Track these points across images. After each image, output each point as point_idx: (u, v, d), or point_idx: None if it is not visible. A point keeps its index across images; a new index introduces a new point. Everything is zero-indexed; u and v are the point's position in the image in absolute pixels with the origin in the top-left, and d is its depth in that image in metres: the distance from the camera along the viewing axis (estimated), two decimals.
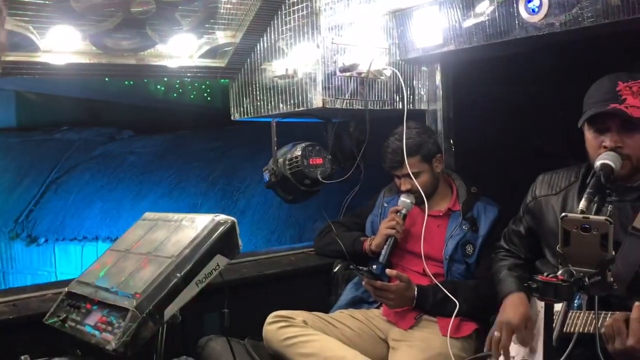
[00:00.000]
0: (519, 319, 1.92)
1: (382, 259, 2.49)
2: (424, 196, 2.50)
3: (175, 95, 11.37)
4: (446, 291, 2.32)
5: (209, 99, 11.21)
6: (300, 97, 2.68)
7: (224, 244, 1.71)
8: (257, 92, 2.90)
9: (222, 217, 1.75)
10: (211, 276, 1.68)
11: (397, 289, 2.33)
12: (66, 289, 1.87)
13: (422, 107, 2.98)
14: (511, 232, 2.21)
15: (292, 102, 2.73)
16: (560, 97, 3.27)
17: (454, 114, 3.01)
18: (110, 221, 8.39)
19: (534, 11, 2.25)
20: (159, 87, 11.33)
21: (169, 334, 1.71)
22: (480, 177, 2.72)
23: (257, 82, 2.89)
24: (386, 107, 2.82)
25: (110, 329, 1.59)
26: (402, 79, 2.81)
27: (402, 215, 2.53)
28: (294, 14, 2.66)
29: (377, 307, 2.54)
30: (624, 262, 1.71)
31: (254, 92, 2.91)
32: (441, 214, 2.55)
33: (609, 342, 1.63)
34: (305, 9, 2.60)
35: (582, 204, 1.52)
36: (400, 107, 2.83)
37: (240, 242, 1.75)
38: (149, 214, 2.05)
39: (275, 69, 2.75)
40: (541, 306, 1.72)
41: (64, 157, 9.77)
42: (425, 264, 2.44)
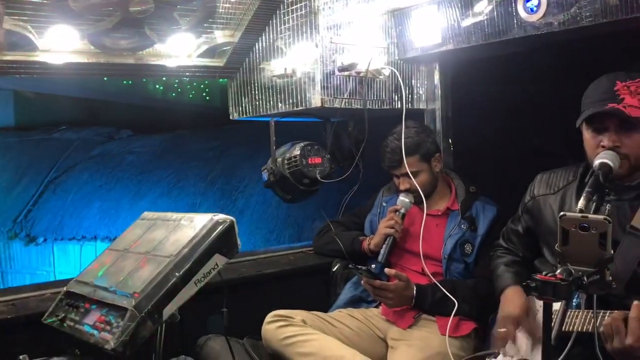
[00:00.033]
0: (519, 310, 1.94)
1: (381, 258, 2.49)
2: (423, 195, 2.50)
3: (173, 94, 11.36)
4: (445, 290, 2.32)
5: (207, 98, 11.20)
6: (298, 96, 2.68)
7: (222, 244, 1.71)
8: (256, 92, 2.89)
9: (220, 216, 1.75)
10: (210, 275, 1.68)
11: (396, 288, 2.33)
12: (65, 289, 1.87)
13: (421, 107, 2.99)
14: (510, 231, 2.22)
15: (290, 101, 2.73)
16: (558, 97, 3.26)
17: (452, 113, 3.01)
18: (108, 221, 8.38)
19: (532, 10, 2.25)
20: (157, 86, 11.32)
21: (168, 333, 1.71)
22: (478, 177, 2.72)
23: (256, 81, 2.89)
24: (385, 107, 2.82)
25: (109, 328, 1.58)
26: (400, 79, 2.81)
27: (401, 214, 2.53)
28: (293, 13, 2.65)
29: (376, 307, 2.54)
30: (623, 261, 1.71)
31: (253, 92, 2.91)
32: (440, 213, 2.55)
33: (607, 341, 1.63)
34: (303, 8, 2.60)
35: (581, 203, 1.52)
36: (398, 106, 2.83)
37: (239, 241, 1.75)
38: (147, 214, 2.04)
39: (273, 69, 2.75)
40: (540, 305, 1.72)
41: (63, 156, 9.76)
42: (424, 263, 2.44)
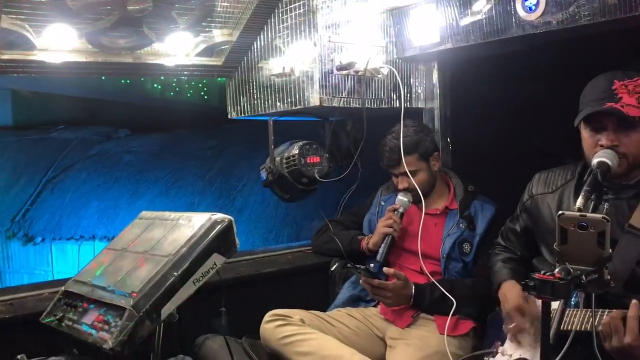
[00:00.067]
0: (518, 299, 1.95)
1: (380, 258, 2.49)
2: (421, 194, 2.50)
3: (172, 94, 11.35)
4: (443, 289, 2.32)
5: (206, 97, 11.19)
6: (297, 95, 2.68)
7: (221, 243, 1.71)
8: (254, 91, 2.89)
9: (219, 215, 1.75)
10: (208, 275, 1.68)
11: (395, 288, 2.33)
12: (63, 288, 1.87)
13: (420, 106, 2.98)
14: (508, 230, 2.22)
15: (289, 100, 2.72)
16: (557, 95, 3.26)
17: (451, 112, 3.01)
18: (107, 220, 8.37)
19: (531, 9, 2.25)
20: (155, 85, 11.31)
21: (166, 332, 1.71)
22: (477, 176, 2.72)
23: (254, 80, 2.88)
24: (383, 106, 2.81)
25: (107, 327, 1.58)
26: (399, 77, 2.81)
27: (400, 213, 2.53)
28: (291, 12, 2.65)
29: (375, 306, 2.54)
30: (621, 259, 1.71)
31: (251, 91, 2.91)
32: (438, 213, 2.55)
33: (606, 339, 1.63)
34: (302, 7, 2.60)
35: (579, 202, 1.52)
36: (397, 105, 2.83)
37: (237, 240, 1.75)
38: (145, 213, 2.04)
39: (272, 67, 2.75)
40: (539, 304, 1.72)
41: (61, 156, 9.74)
42: (422, 263, 2.44)
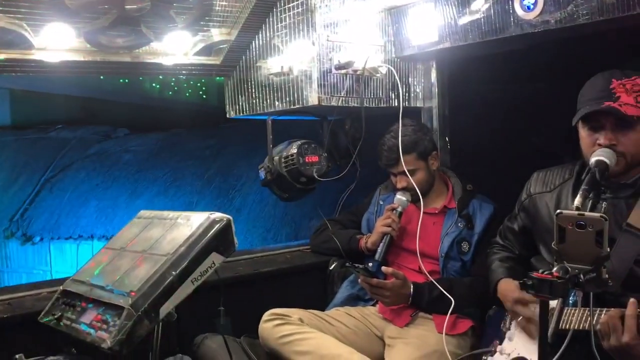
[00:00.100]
0: (515, 292, 1.96)
1: (378, 257, 2.49)
2: (420, 194, 2.50)
3: (170, 93, 11.34)
4: (442, 288, 2.32)
5: (204, 97, 11.19)
6: (295, 94, 2.68)
7: (219, 242, 1.71)
8: (253, 90, 2.89)
9: (217, 215, 1.75)
10: (207, 274, 1.68)
11: (393, 287, 2.33)
12: (61, 288, 1.87)
13: (418, 105, 2.98)
14: (506, 229, 2.22)
15: (287, 99, 2.72)
16: (555, 94, 3.27)
17: (449, 111, 3.01)
18: (105, 220, 8.37)
19: (529, 8, 2.25)
20: (154, 85, 11.30)
21: (165, 332, 1.71)
22: (475, 175, 2.72)
23: (253, 79, 2.88)
24: (382, 105, 2.81)
25: (105, 327, 1.58)
26: (397, 77, 2.81)
27: (398, 212, 2.53)
28: (289, 11, 2.65)
29: (373, 305, 2.54)
30: (619, 258, 1.71)
31: (250, 90, 2.91)
32: (437, 212, 2.55)
33: (604, 338, 1.63)
34: (300, 6, 2.60)
35: (577, 201, 1.52)
36: (395, 104, 2.83)
37: (235, 239, 1.75)
38: (144, 212, 2.04)
39: (270, 67, 2.75)
40: (537, 303, 1.73)
41: (59, 155, 9.74)
42: (421, 262, 2.44)
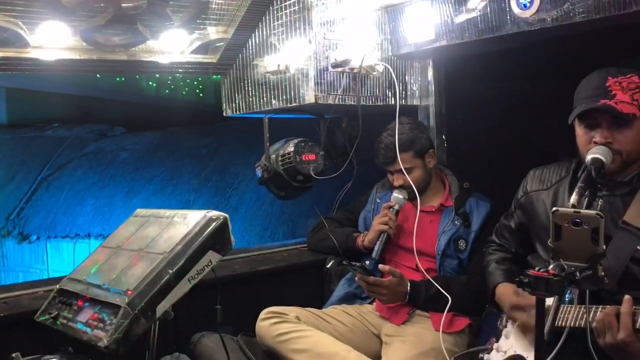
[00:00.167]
0: (511, 298, 1.97)
1: (375, 255, 2.49)
2: (417, 192, 2.50)
3: (167, 91, 11.33)
4: (438, 286, 2.32)
5: (201, 95, 11.18)
6: (292, 92, 2.68)
7: (216, 240, 1.71)
8: (249, 88, 2.89)
9: (214, 213, 1.75)
10: (203, 272, 1.68)
11: (390, 285, 2.33)
12: (57, 286, 1.87)
13: (415, 103, 2.98)
14: (503, 227, 2.22)
15: (284, 97, 2.72)
16: (552, 92, 3.27)
17: (446, 109, 3.01)
18: (102, 218, 8.36)
19: (525, 6, 2.25)
20: (150, 83, 11.28)
21: (162, 330, 1.71)
22: (472, 173, 2.73)
23: (249, 77, 2.88)
24: (378, 103, 2.81)
25: (102, 325, 1.58)
26: (394, 75, 2.81)
27: (395, 211, 2.53)
28: (286, 9, 2.64)
29: (370, 303, 2.54)
30: (615, 256, 1.72)
31: (246, 88, 2.90)
32: (434, 210, 2.55)
33: (600, 336, 1.64)
34: (297, 4, 2.59)
35: (573, 198, 1.52)
36: (392, 102, 2.82)
37: (232, 238, 1.75)
38: (140, 211, 2.04)
39: (267, 65, 2.74)
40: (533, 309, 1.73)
41: (56, 154, 9.72)
42: (417, 260, 2.44)
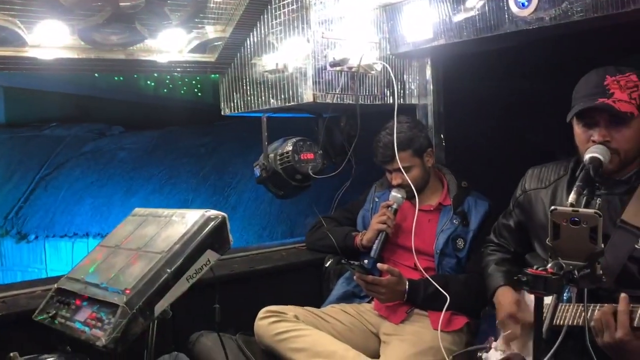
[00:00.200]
0: (513, 307, 1.95)
1: (374, 254, 2.49)
2: (415, 190, 2.50)
3: (165, 90, 11.31)
4: (437, 285, 2.33)
5: (199, 94, 11.16)
6: (290, 91, 2.67)
7: (214, 239, 1.71)
8: (248, 87, 2.88)
9: (212, 212, 1.75)
10: (202, 272, 1.68)
11: (389, 283, 2.33)
12: (55, 286, 1.87)
13: (413, 102, 2.98)
14: (501, 226, 2.22)
15: (282, 96, 2.72)
16: (550, 91, 3.28)
17: (444, 108, 3.01)
18: (100, 217, 8.34)
19: (523, 5, 2.25)
20: (149, 82, 11.26)
21: (160, 329, 1.71)
22: (470, 172, 2.73)
23: (248, 76, 2.88)
24: (377, 102, 2.81)
25: (100, 325, 1.58)
26: (392, 74, 2.80)
27: (393, 209, 2.53)
28: (284, 8, 2.64)
29: (369, 302, 2.54)
30: (613, 254, 1.72)
31: (244, 87, 2.90)
32: (432, 209, 2.55)
33: (598, 335, 1.64)
34: (295, 3, 2.59)
35: (572, 197, 1.52)
36: (391, 101, 2.82)
37: (230, 237, 1.75)
38: (139, 210, 2.04)
39: (265, 64, 2.74)
40: (531, 299, 1.73)
41: (54, 153, 9.70)
42: (416, 259, 2.44)
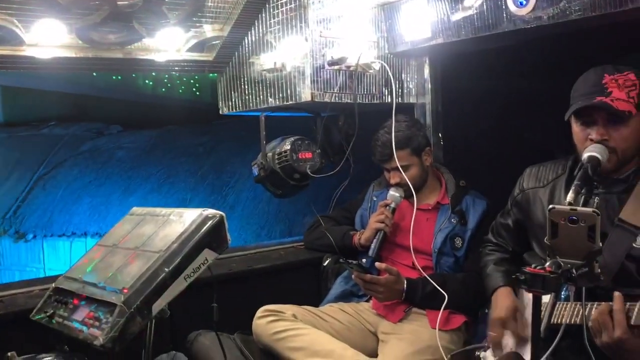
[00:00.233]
0: (506, 313, 1.94)
1: (372, 253, 2.49)
2: (413, 189, 2.50)
3: (163, 90, 11.30)
4: (435, 284, 2.33)
5: (197, 93, 11.16)
6: (288, 90, 2.67)
7: (212, 238, 1.70)
8: (246, 86, 2.88)
9: (210, 211, 1.75)
10: (200, 270, 1.68)
11: (387, 282, 2.33)
12: (53, 285, 1.86)
13: (411, 101, 2.98)
14: (499, 225, 2.22)
15: (280, 95, 2.72)
16: (548, 90, 3.28)
17: (442, 107, 3.01)
18: (98, 217, 8.34)
19: (521, 4, 2.25)
20: (147, 81, 11.26)
21: (158, 329, 1.71)
22: (468, 171, 2.73)
23: (246, 75, 2.87)
24: (375, 101, 2.81)
25: (98, 324, 1.58)
26: (390, 73, 2.80)
27: (392, 208, 2.53)
28: (282, 7, 2.64)
29: (367, 301, 2.54)
30: (611, 253, 1.72)
31: (243, 86, 2.90)
32: (430, 208, 2.55)
33: (596, 336, 1.63)
34: (293, 2, 2.59)
35: (570, 196, 1.52)
36: (389, 100, 2.82)
37: (228, 236, 1.75)
38: (136, 209, 2.03)
39: (263, 63, 2.74)
40: (529, 298, 1.73)
41: (52, 152, 9.70)
42: (414, 257, 2.44)
